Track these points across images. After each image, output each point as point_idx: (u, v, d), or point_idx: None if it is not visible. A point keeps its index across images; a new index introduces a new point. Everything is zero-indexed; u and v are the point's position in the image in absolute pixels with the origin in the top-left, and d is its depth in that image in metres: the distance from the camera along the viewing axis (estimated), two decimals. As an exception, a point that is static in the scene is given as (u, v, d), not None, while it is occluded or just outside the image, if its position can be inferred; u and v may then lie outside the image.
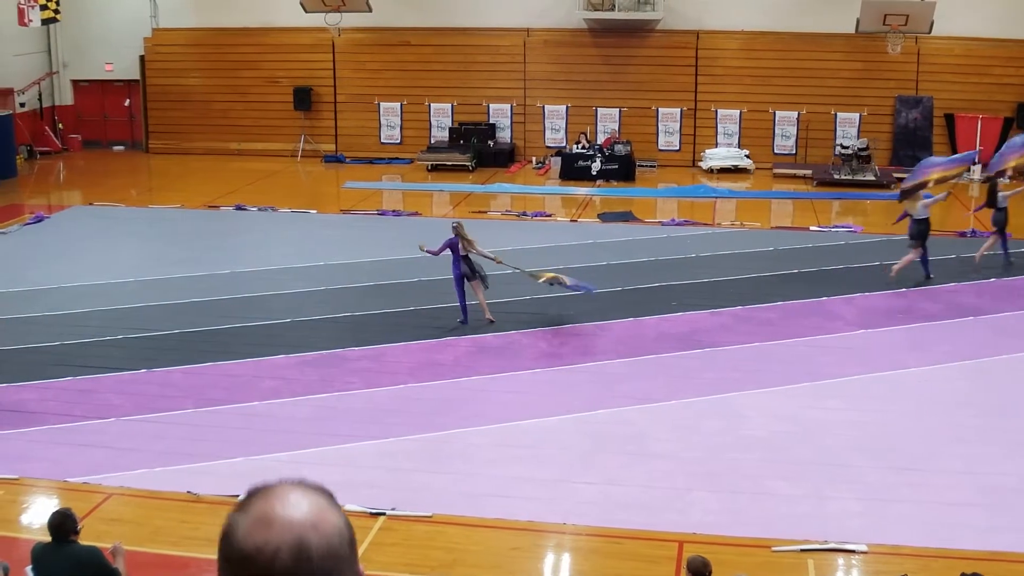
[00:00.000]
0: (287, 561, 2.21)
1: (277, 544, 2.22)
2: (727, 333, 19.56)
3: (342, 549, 2.29)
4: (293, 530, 2.23)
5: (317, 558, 2.23)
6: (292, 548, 2.22)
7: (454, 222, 20.26)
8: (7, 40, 36.41)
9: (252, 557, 2.23)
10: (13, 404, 16.95)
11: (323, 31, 35.94)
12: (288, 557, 2.21)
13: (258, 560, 2.22)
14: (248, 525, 2.27)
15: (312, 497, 2.32)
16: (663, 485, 13.93)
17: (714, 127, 35.17)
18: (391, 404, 16.60)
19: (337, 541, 2.28)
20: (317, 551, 2.24)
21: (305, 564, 2.22)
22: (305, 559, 2.22)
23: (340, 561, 2.27)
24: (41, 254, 24.98)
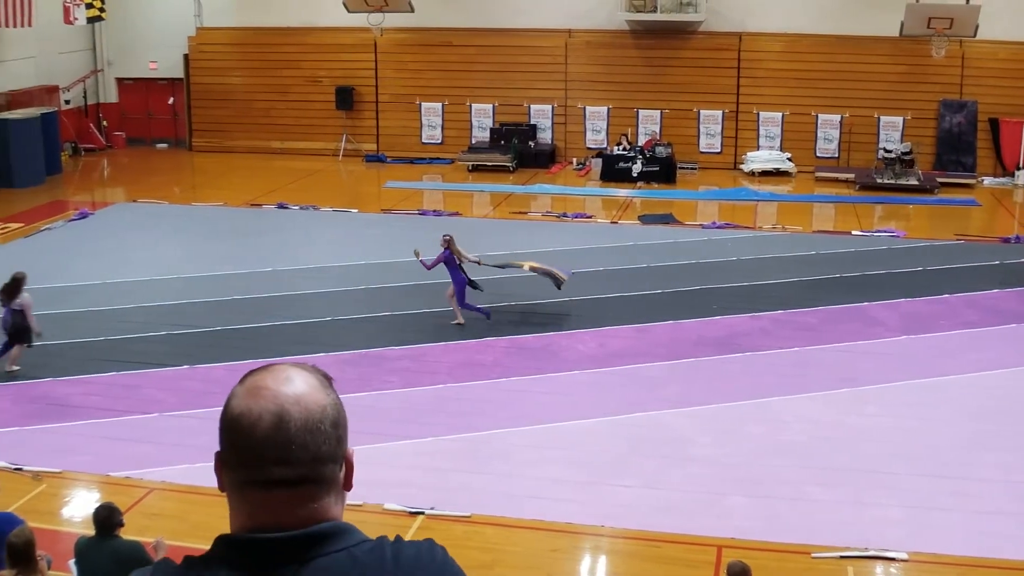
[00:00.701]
0: (267, 428, 2.42)
1: (260, 412, 2.44)
2: (767, 337, 19.53)
3: (322, 425, 2.46)
4: (277, 400, 2.44)
5: (294, 429, 2.42)
6: (273, 416, 2.42)
7: (445, 235, 20.18)
8: (53, 38, 36.68)
9: (237, 421, 2.46)
10: (58, 398, 17.12)
11: (365, 31, 36.04)
12: (267, 424, 2.42)
13: (242, 424, 2.44)
14: (241, 393, 2.51)
15: (306, 376, 2.52)
16: (702, 489, 13.93)
17: (756, 130, 35.07)
18: (430, 404, 16.66)
19: (318, 417, 2.45)
20: (296, 422, 2.42)
21: (283, 432, 2.41)
22: (283, 428, 2.41)
23: (318, 435, 2.45)
24: (85, 250, 25.17)
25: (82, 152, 38.18)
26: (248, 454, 2.43)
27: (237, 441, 2.46)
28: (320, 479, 2.48)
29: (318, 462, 2.47)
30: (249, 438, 2.43)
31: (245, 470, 2.45)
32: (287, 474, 2.43)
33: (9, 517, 10.99)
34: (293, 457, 2.42)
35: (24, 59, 35.93)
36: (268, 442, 2.42)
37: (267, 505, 2.46)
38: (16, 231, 27.60)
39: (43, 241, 26.22)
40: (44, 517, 13.08)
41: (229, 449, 2.48)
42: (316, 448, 2.45)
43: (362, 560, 2.47)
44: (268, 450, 2.41)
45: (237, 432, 2.46)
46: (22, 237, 26.87)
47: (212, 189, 32.65)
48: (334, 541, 2.47)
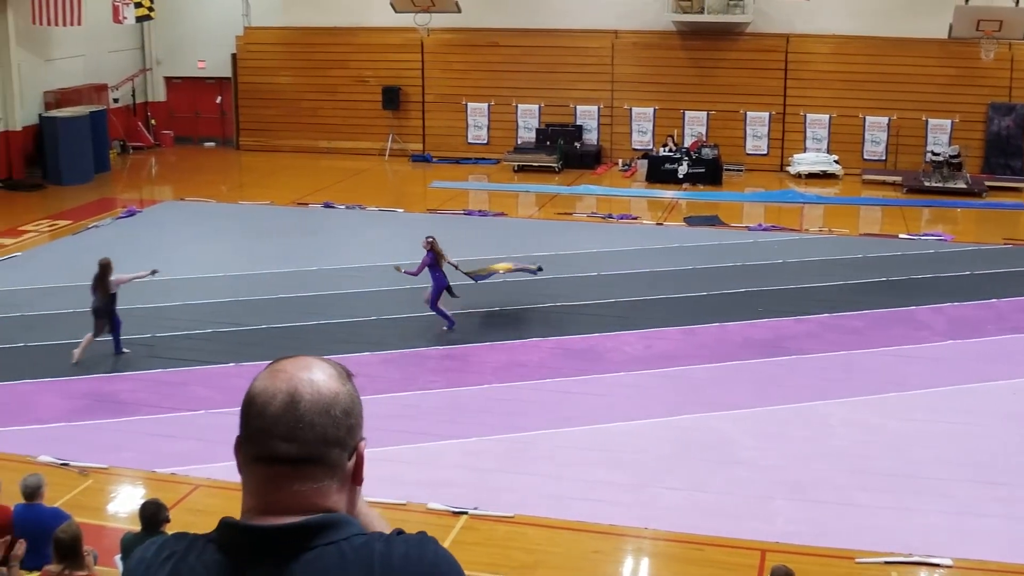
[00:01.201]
0: (279, 405, 2.52)
1: (274, 391, 2.55)
2: (813, 341, 19.44)
3: (333, 410, 2.55)
4: (291, 382, 2.55)
5: (304, 409, 2.52)
6: (286, 395, 2.53)
7: (428, 237, 19.99)
8: (102, 37, 36.94)
9: (254, 399, 2.57)
10: (105, 394, 17.26)
11: (412, 31, 36.09)
12: (280, 402, 2.53)
13: (257, 402, 2.56)
14: (263, 375, 2.62)
15: (325, 366, 2.63)
16: (746, 493, 13.89)
17: (803, 132, 34.90)
18: (474, 404, 16.68)
19: (328, 400, 2.55)
20: (306, 404, 2.53)
21: (292, 411, 2.51)
22: (293, 407, 2.52)
23: (327, 418, 2.54)
24: (132, 248, 25.30)
25: (130, 150, 38.42)
26: (259, 429, 2.53)
27: (251, 418, 2.56)
28: (324, 461, 2.55)
29: (324, 444, 2.54)
30: (261, 415, 2.53)
31: (254, 445, 2.55)
32: (291, 451, 2.51)
33: (56, 512, 11.10)
34: (300, 435, 2.51)
35: (73, 58, 36.20)
36: (279, 419, 2.52)
37: (271, 481, 2.55)
38: (64, 228, 27.82)
39: (91, 238, 26.40)
40: (90, 512, 13.19)
41: (244, 426, 2.58)
42: (323, 430, 2.53)
43: (349, 556, 2.50)
44: (277, 426, 2.51)
45: (252, 408, 2.57)
46: (70, 234, 27.08)
47: (259, 188, 32.80)
48: (326, 534, 2.52)
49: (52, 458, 14.83)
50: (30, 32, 33.81)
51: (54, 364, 18.30)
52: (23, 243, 26.46)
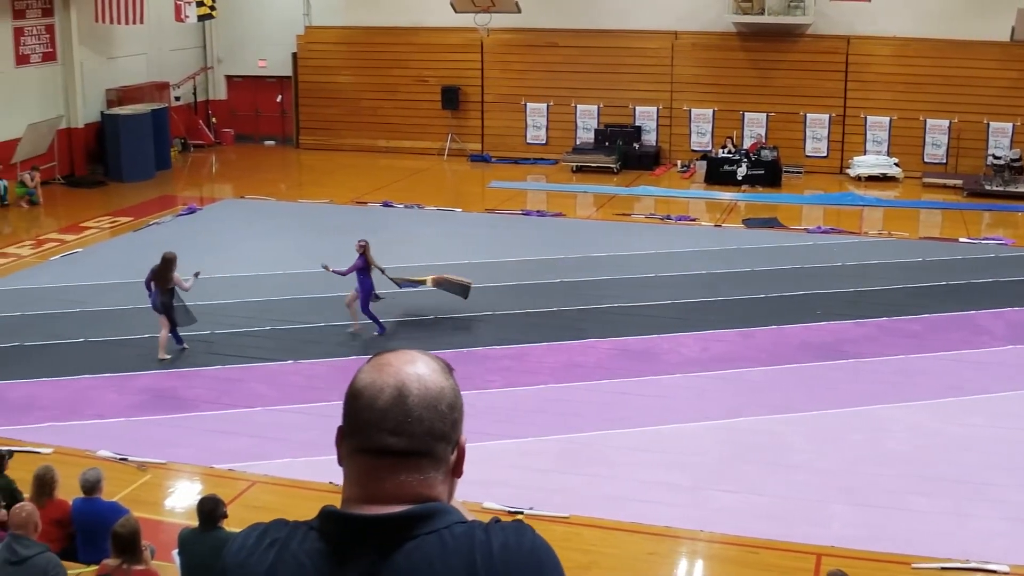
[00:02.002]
0: (387, 400, 2.56)
1: (383, 384, 2.58)
2: (871, 344, 19.32)
3: (439, 405, 2.61)
4: (399, 376, 2.59)
5: (412, 404, 2.56)
6: (394, 389, 2.57)
7: (361, 241, 19.72)
8: (164, 35, 37.27)
9: (361, 392, 2.60)
10: (164, 391, 17.43)
11: (472, 31, 36.18)
12: (389, 396, 2.56)
13: (365, 395, 2.59)
14: (368, 368, 2.65)
15: (429, 360, 2.67)
16: (802, 496, 13.84)
17: (863, 134, 34.66)
18: (531, 404, 16.70)
19: (436, 395, 2.60)
20: (415, 397, 2.57)
21: (401, 405, 2.56)
22: (402, 400, 2.56)
23: (434, 413, 2.59)
24: (193, 245, 25.48)
25: (191, 148, 38.72)
26: (367, 422, 2.57)
27: (359, 411, 2.59)
28: (430, 454, 2.60)
29: (431, 437, 2.59)
30: (370, 408, 2.57)
31: (361, 437, 2.59)
32: (400, 444, 2.56)
33: (114, 507, 11.21)
34: (408, 429, 2.56)
35: (136, 56, 36.55)
36: (387, 412, 2.56)
37: (376, 472, 2.59)
38: (125, 225, 28.09)
39: (151, 235, 26.63)
40: (148, 507, 13.31)
41: (350, 418, 2.62)
42: (431, 424, 2.58)
43: (450, 544, 2.53)
44: (386, 420, 2.55)
45: (359, 401, 2.60)
46: (131, 231, 27.34)
47: (318, 186, 32.97)
48: (427, 523, 2.55)
49: (111, 453, 14.99)
50: (93, 30, 34.18)
51: (114, 360, 18.48)
52: (84, 239, 26.73)
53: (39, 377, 17.96)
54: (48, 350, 19.08)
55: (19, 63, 32.21)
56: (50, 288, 22.57)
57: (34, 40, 32.69)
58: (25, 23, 32.32)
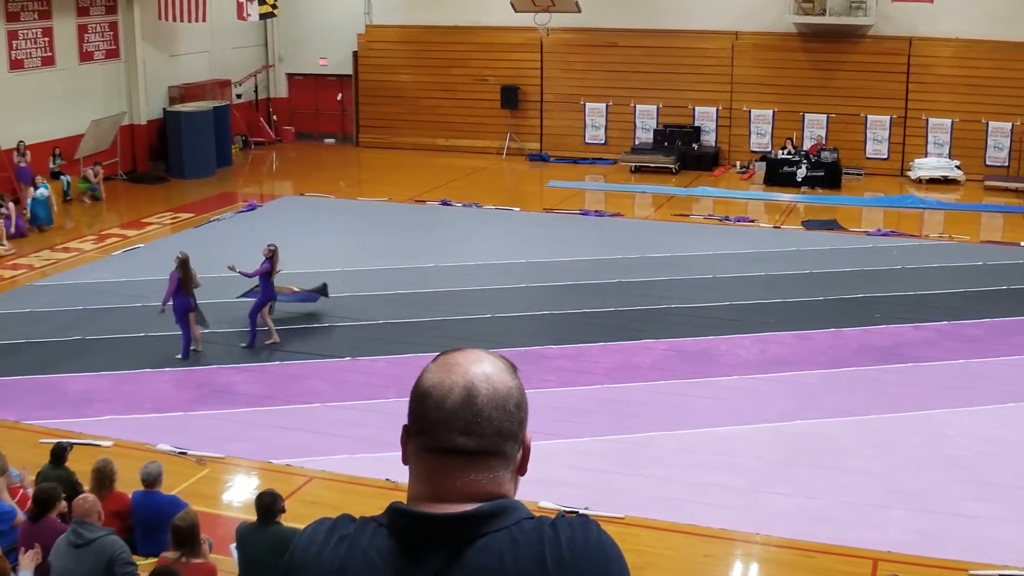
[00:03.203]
0: (457, 399, 2.58)
1: (451, 384, 2.60)
2: (931, 348, 19.17)
3: (507, 405, 2.62)
4: (467, 376, 2.61)
5: (481, 403, 2.58)
6: (463, 389, 2.59)
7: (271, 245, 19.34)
8: (226, 33, 37.53)
9: (430, 392, 2.62)
10: (223, 386, 17.58)
11: (532, 31, 36.18)
12: (458, 396, 2.58)
13: (434, 395, 2.61)
14: (435, 367, 2.67)
15: (494, 360, 2.69)
16: (858, 500, 13.77)
17: (924, 136, 34.39)
18: (587, 404, 16.70)
19: (504, 395, 2.62)
20: (483, 397, 2.59)
21: (471, 405, 2.58)
22: (472, 400, 2.58)
23: (503, 412, 2.61)
24: (253, 241, 25.60)
25: (252, 145, 38.96)
26: (436, 422, 2.59)
27: (427, 410, 2.61)
28: (498, 453, 2.62)
29: (499, 437, 2.61)
30: (439, 408, 2.58)
31: (430, 436, 2.61)
32: (469, 444, 2.58)
33: (173, 500, 11.32)
34: (478, 429, 2.58)
35: (198, 54, 36.84)
36: (457, 412, 2.58)
37: (445, 471, 2.62)
38: (187, 221, 28.32)
39: (212, 231, 26.85)
40: (206, 501, 13.43)
41: (418, 417, 2.63)
42: (500, 424, 2.60)
43: (520, 540, 2.57)
44: (456, 419, 2.57)
45: (428, 401, 2.61)
46: (192, 227, 27.55)
47: (377, 185, 33.08)
48: (496, 520, 2.59)
49: (170, 447, 15.13)
50: (156, 28, 34.48)
51: (174, 354, 18.63)
52: (146, 235, 26.98)
53: (100, 371, 18.17)
54: (109, 344, 19.28)
55: (83, 60, 32.56)
56: (111, 283, 22.81)
57: (98, 37, 33.03)
58: (89, 20, 32.66)
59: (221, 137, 35.21)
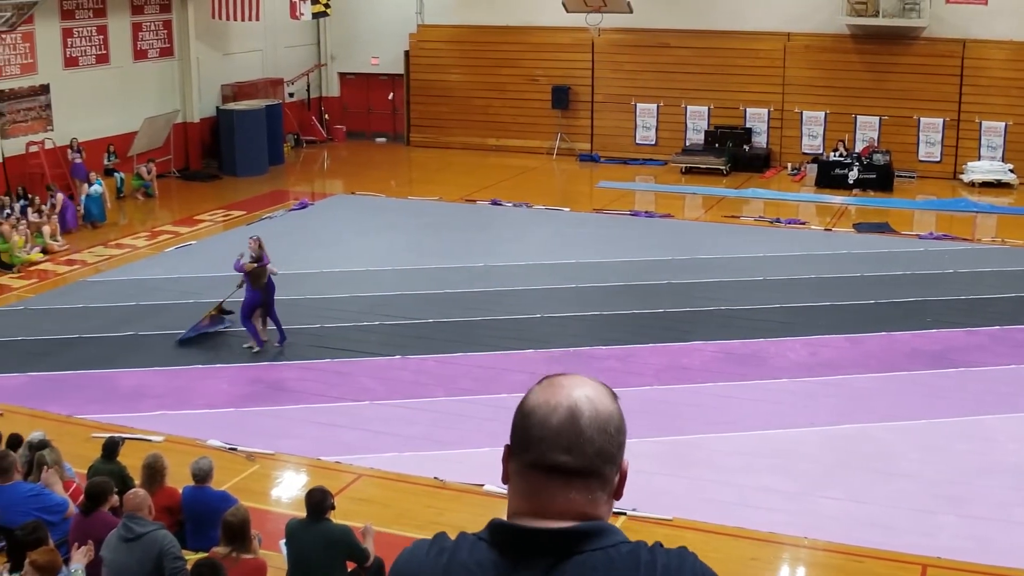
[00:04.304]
0: (561, 419, 2.64)
1: (556, 404, 2.66)
2: (983, 353, 19.03)
3: (609, 428, 2.67)
4: (571, 397, 2.67)
5: (585, 424, 2.63)
6: (567, 409, 2.64)
7: (253, 236, 19.31)
8: (279, 32, 37.73)
9: (535, 411, 2.67)
10: (274, 382, 17.69)
11: (583, 31, 36.17)
12: (562, 415, 2.64)
13: (538, 413, 2.66)
14: (540, 388, 2.73)
15: (597, 385, 2.74)
16: (909, 506, 13.70)
17: (977, 139, 34.12)
18: (636, 405, 16.64)
19: (605, 418, 2.67)
20: (587, 419, 2.64)
21: (574, 425, 2.63)
22: (575, 421, 2.63)
23: (605, 435, 2.66)
24: (304, 239, 25.81)
25: (304, 144, 39.14)
26: (540, 440, 2.64)
27: (531, 428, 2.66)
28: (598, 474, 2.67)
29: (600, 458, 2.66)
30: (543, 426, 2.64)
31: (534, 454, 2.66)
32: (571, 463, 2.63)
33: (223, 495, 11.41)
34: (581, 449, 2.63)
35: (251, 52, 37.06)
36: (561, 431, 2.63)
37: (545, 489, 2.66)
38: (239, 219, 28.49)
39: (264, 229, 26.88)
40: (255, 497, 13.52)
41: (522, 435, 2.68)
42: (601, 445, 2.65)
43: (617, 561, 2.61)
44: (560, 438, 2.62)
45: (533, 419, 2.67)
46: (244, 224, 27.70)
47: (428, 184, 33.15)
48: (595, 540, 2.63)
49: (220, 442, 15.24)
50: (209, 27, 34.71)
51: (225, 351, 18.78)
52: (198, 232, 27.18)
53: (152, 366, 18.33)
54: (161, 340, 19.42)
55: (137, 58, 32.82)
56: (164, 279, 23.00)
57: (152, 36, 33.28)
58: (143, 19, 32.92)
59: (273, 135, 35.41)
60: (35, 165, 28.78)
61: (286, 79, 38.61)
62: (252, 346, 19.07)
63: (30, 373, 18.07)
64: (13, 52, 28.58)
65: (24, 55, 28.98)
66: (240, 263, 18.94)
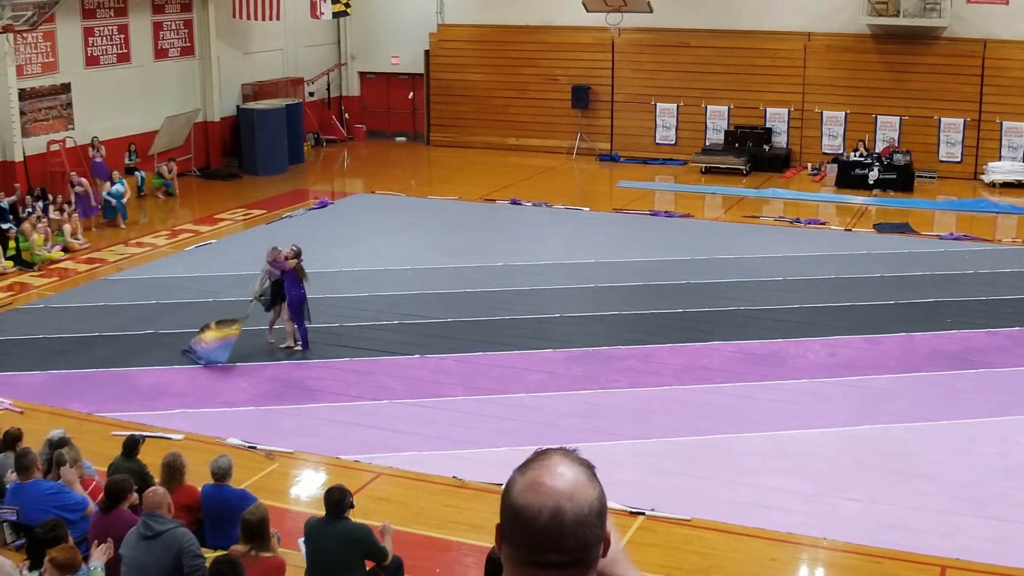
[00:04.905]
0: (545, 521, 2.82)
1: (539, 507, 2.83)
2: (1003, 354, 18.96)
3: (590, 518, 2.85)
4: (553, 498, 2.83)
5: (568, 523, 2.82)
6: (551, 512, 2.82)
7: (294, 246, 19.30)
8: (299, 31, 37.80)
9: (519, 513, 2.85)
10: (293, 381, 17.74)
11: (603, 31, 36.17)
12: (546, 518, 2.82)
13: (523, 516, 2.84)
14: (522, 487, 2.88)
15: (575, 470, 2.91)
16: (927, 507, 13.67)
17: (998, 140, 33.98)
18: (655, 405, 16.69)
19: (587, 511, 2.85)
20: (569, 517, 2.82)
21: (558, 527, 2.81)
22: (559, 522, 2.81)
23: (587, 528, 2.84)
24: (324, 238, 25.85)
25: (324, 143, 39.22)
26: (528, 540, 2.86)
27: (519, 529, 2.88)
28: (586, 562, 2.89)
29: (586, 549, 2.87)
30: (529, 528, 2.84)
31: (525, 552, 2.88)
32: (560, 559, 2.85)
33: (242, 494, 11.44)
34: (565, 546, 2.84)
35: (271, 52, 37.15)
36: (546, 533, 2.83)
37: None
38: (259, 217, 28.55)
39: (284, 228, 27.03)
40: (275, 495, 13.54)
41: (511, 532, 2.90)
42: (584, 538, 2.86)
43: None
44: (546, 539, 2.84)
45: (519, 521, 2.87)
46: (264, 223, 27.77)
47: (448, 183, 33.18)
48: None
49: (240, 441, 15.28)
50: (230, 26, 34.79)
51: (244, 349, 18.80)
52: (218, 231, 27.25)
53: (171, 364, 18.40)
54: (181, 338, 19.46)
55: (158, 57, 32.92)
56: (184, 278, 23.07)
57: (173, 35, 33.38)
58: (164, 18, 33.01)
59: (293, 134, 35.48)
60: (56, 164, 28.88)
61: (306, 78, 38.66)
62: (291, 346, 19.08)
63: (50, 371, 18.15)
64: (34, 51, 28.69)
65: (45, 54, 29.09)
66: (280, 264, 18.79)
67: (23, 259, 24.16)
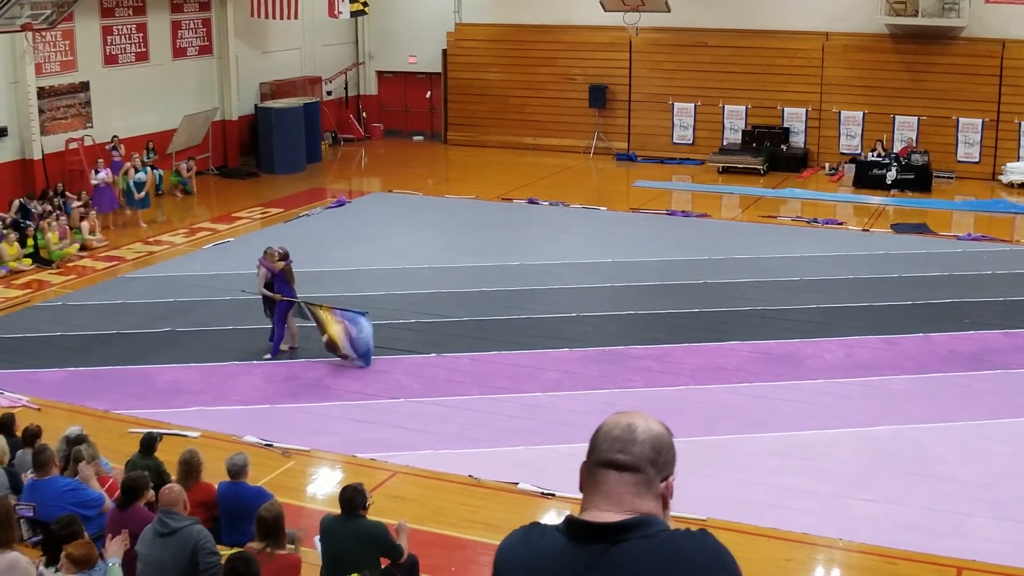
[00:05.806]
0: (621, 429, 3.39)
1: (619, 420, 3.42)
2: (1021, 356, 18.88)
3: (656, 443, 3.38)
4: (632, 418, 3.42)
5: (638, 433, 3.37)
6: (627, 423, 3.39)
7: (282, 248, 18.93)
8: (317, 30, 37.87)
9: (603, 426, 3.43)
10: (309, 379, 17.77)
11: (621, 30, 36.15)
12: (623, 427, 3.39)
13: (605, 426, 3.42)
14: (612, 415, 3.47)
15: (656, 419, 3.45)
16: (944, 508, 13.63)
17: (1016, 140, 33.89)
18: (671, 405, 16.65)
19: (655, 435, 3.39)
20: (641, 431, 3.38)
21: (630, 433, 3.37)
22: (631, 430, 3.37)
23: (652, 446, 3.37)
24: (341, 237, 25.90)
25: (341, 142, 39.28)
26: (603, 443, 3.39)
27: (598, 437, 3.41)
28: (642, 471, 3.35)
29: (645, 460, 3.35)
30: (607, 435, 3.39)
31: (599, 453, 3.38)
32: (623, 459, 3.34)
33: (258, 491, 11.45)
34: (631, 449, 3.35)
35: (289, 51, 37.23)
36: (619, 437, 3.37)
37: (603, 482, 3.37)
38: (276, 216, 28.60)
39: (301, 226, 27.10)
40: (291, 493, 13.57)
41: (592, 443, 3.42)
42: (647, 450, 3.36)
43: (656, 546, 3.27)
44: (618, 441, 3.37)
45: (601, 431, 3.41)
46: (282, 222, 27.83)
47: (465, 182, 33.21)
48: (641, 529, 3.29)
49: (256, 438, 15.31)
50: (248, 25, 34.87)
51: (262, 347, 18.84)
52: (236, 229, 27.31)
53: (188, 362, 18.44)
54: (198, 336, 19.54)
55: (176, 56, 33.01)
56: (201, 276, 23.12)
57: (191, 34, 33.46)
58: (183, 17, 33.10)
59: (311, 133, 35.54)
60: (74, 162, 28.98)
61: (324, 77, 38.75)
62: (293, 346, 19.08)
63: (68, 368, 18.22)
64: (53, 49, 28.79)
65: (64, 52, 29.19)
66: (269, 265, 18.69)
67: (41, 257, 24.25)
